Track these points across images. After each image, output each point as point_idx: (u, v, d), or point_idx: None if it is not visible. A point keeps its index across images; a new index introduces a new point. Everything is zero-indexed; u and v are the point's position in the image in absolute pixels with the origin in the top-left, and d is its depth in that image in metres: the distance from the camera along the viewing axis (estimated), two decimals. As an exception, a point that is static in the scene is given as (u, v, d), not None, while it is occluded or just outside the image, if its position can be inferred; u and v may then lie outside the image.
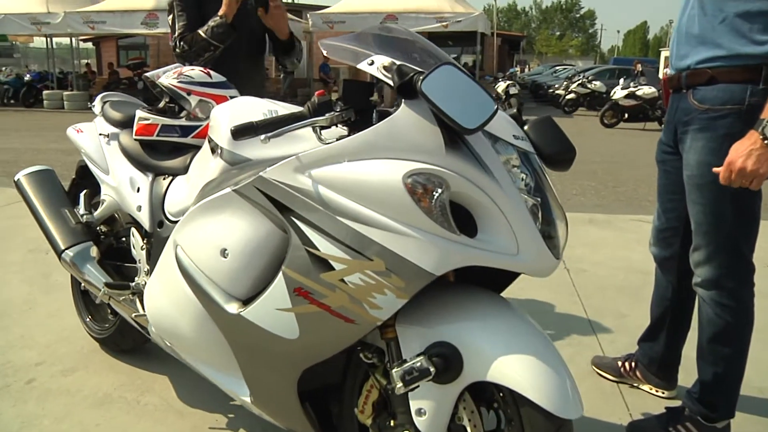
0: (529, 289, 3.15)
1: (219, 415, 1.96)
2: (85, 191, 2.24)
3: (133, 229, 1.99)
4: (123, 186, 2.02)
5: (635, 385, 2.21)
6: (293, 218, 1.27)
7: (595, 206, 5.32)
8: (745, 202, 1.67)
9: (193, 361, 1.68)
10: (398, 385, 1.20)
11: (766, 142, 1.44)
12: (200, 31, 2.33)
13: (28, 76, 15.41)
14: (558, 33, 69.04)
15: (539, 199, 1.28)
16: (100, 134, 2.14)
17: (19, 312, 2.74)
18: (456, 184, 1.16)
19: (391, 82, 1.19)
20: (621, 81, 13.06)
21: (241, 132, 1.31)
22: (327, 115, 1.29)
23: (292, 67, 2.76)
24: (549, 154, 1.40)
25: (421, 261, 1.15)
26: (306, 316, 1.29)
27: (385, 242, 1.17)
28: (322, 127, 1.32)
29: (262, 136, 1.26)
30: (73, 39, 15.99)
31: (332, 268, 1.22)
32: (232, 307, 1.41)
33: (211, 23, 2.33)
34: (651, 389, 2.17)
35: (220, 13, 2.34)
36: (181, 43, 2.37)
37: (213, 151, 1.62)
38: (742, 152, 1.47)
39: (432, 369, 1.19)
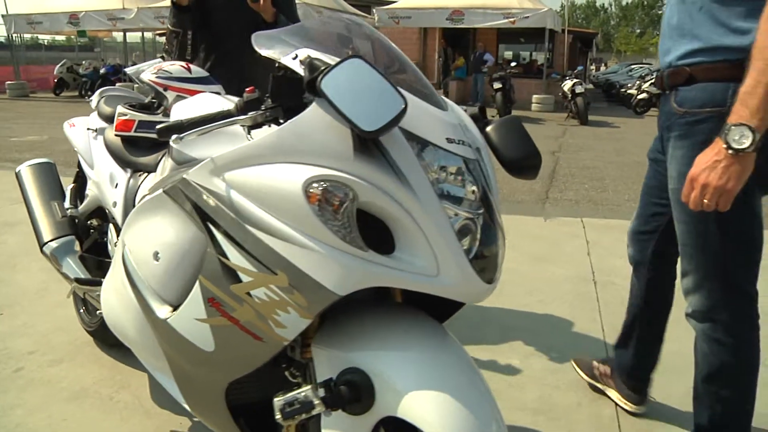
0: (549, 302, 2.96)
1: (184, 418, 1.92)
2: (72, 185, 2.25)
3: (110, 225, 1.97)
4: (103, 181, 2.00)
5: (604, 391, 2.11)
6: (209, 223, 1.19)
7: (644, 214, 4.99)
8: (735, 222, 1.42)
9: (143, 362, 1.64)
10: (277, 416, 1.09)
11: (731, 151, 1.22)
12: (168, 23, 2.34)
13: (103, 69, 16.21)
14: (638, 30, 66.01)
15: (480, 212, 1.13)
16: (88, 129, 2.14)
17: (30, 299, 2.81)
18: (365, 194, 1.03)
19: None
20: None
21: (166, 130, 1.24)
22: (250, 113, 1.20)
23: None
24: (510, 159, 1.26)
25: (323, 278, 1.04)
26: (219, 329, 1.20)
27: (288, 255, 1.06)
28: (252, 127, 1.23)
29: (173, 136, 1.18)
30: (150, 33, 16.66)
31: (240, 280, 1.13)
32: (162, 312, 1.35)
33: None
34: (619, 399, 2.05)
35: None
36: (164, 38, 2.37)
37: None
38: (705, 164, 1.27)
39: (317, 402, 1.07)
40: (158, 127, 1.24)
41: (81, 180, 2.31)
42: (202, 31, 2.48)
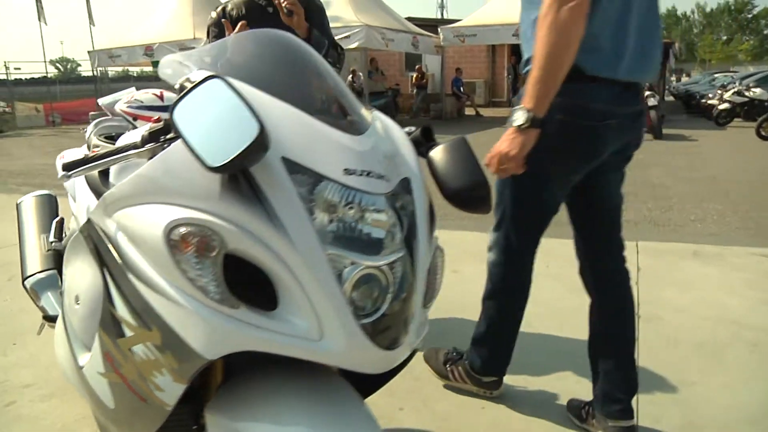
0: (579, 338, 2.62)
1: (153, 466, 1.80)
2: (57, 218, 2.21)
3: (86, 259, 1.91)
4: (80, 214, 1.94)
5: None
6: (104, 268, 1.07)
7: (709, 235, 4.52)
8: (525, 194, 1.82)
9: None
10: None
11: (514, 128, 1.56)
12: None
13: (175, 97, 16.91)
14: (725, 37, 62.26)
15: (392, 260, 0.93)
16: (73, 159, 2.10)
17: (45, 329, 2.82)
18: (233, 240, 0.87)
19: None
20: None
21: (71, 167, 1.13)
22: (148, 146, 1.07)
23: None
24: (450, 190, 1.07)
25: (191, 338, 0.89)
26: (115, 386, 1.08)
27: (161, 310, 0.92)
28: None
29: (60, 174, 1.07)
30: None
31: (124, 334, 1.00)
32: (82, 360, 1.24)
33: None
34: None
35: None
36: None
37: None
38: (501, 138, 1.61)
39: None
40: (64, 162, 1.14)
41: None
42: None
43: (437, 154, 1.10)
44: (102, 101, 1.92)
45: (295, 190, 0.88)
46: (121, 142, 1.33)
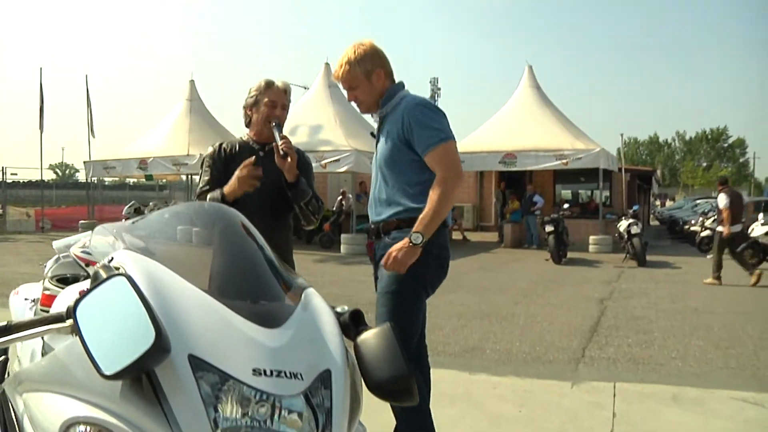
0: None
1: None
2: (2, 357, 2.14)
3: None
4: (24, 356, 1.88)
5: None
6: (5, 446, 1.01)
7: (691, 375, 4.41)
8: (410, 301, 2.40)
9: None
10: None
11: (411, 244, 2.26)
12: (208, 198, 2.34)
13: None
14: (705, 163, 65.04)
15: None
16: (25, 299, 2.07)
17: None
18: None
19: None
20: (761, 216, 11.65)
21: None
22: (69, 321, 1.05)
23: (308, 223, 2.63)
24: (373, 381, 1.04)
25: None
26: None
27: None
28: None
29: None
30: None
31: None
32: None
33: (213, 195, 2.33)
34: None
35: (226, 190, 2.34)
36: (197, 200, 2.36)
37: None
38: (397, 247, 2.29)
39: None
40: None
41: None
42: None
43: (364, 341, 1.08)
44: (56, 244, 1.92)
45: (198, 392, 0.85)
46: (54, 308, 1.31)
